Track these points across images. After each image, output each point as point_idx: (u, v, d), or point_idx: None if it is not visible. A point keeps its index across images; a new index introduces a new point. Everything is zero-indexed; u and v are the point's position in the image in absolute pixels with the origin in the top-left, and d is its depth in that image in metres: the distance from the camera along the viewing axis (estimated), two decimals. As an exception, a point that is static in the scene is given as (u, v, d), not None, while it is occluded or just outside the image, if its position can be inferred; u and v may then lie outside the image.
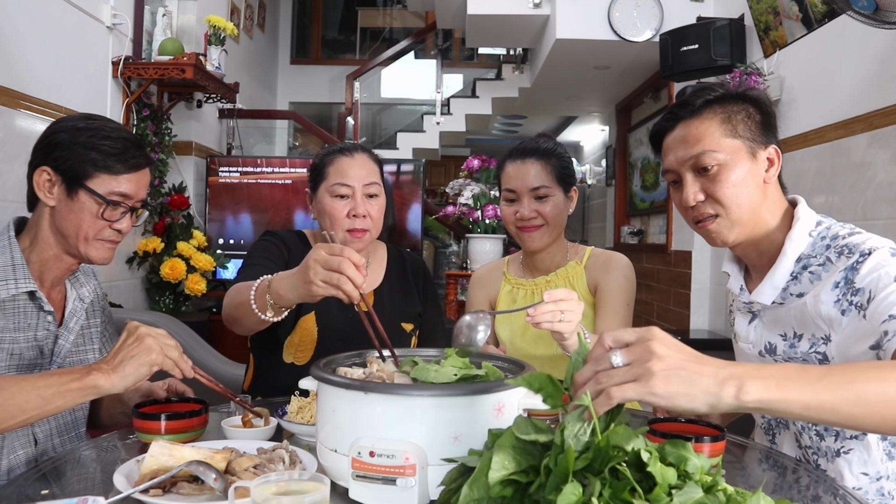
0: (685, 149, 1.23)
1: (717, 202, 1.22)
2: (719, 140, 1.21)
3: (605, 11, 4.67)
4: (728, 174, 1.20)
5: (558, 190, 1.70)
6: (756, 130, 1.23)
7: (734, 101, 1.24)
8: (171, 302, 3.76)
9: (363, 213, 1.62)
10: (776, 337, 1.26)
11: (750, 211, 1.22)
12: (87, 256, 1.33)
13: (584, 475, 0.71)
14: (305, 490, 0.77)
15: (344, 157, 1.66)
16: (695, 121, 1.23)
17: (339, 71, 7.49)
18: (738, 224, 1.22)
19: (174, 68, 3.35)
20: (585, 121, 8.68)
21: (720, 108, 1.23)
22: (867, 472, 1.20)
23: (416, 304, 1.77)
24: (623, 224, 6.95)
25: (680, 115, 1.25)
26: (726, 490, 0.72)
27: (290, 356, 1.65)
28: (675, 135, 1.26)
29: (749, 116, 1.23)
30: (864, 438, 1.19)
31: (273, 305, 1.30)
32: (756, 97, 1.26)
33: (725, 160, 1.20)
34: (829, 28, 3.09)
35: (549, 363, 1.70)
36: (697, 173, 1.23)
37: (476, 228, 3.86)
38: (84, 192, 1.29)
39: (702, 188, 1.22)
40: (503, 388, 0.92)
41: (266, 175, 4.14)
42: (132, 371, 1.13)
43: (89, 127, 1.31)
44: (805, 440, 1.27)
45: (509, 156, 1.75)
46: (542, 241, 1.71)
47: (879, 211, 2.71)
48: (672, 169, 1.27)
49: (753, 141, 1.22)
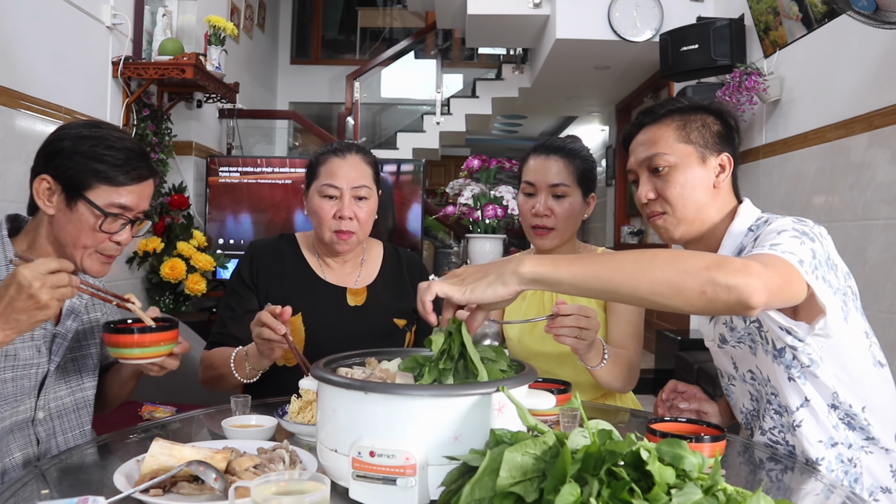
0: (643, 150, 1.34)
1: (666, 201, 1.31)
2: (672, 144, 1.31)
3: (605, 11, 4.68)
4: (676, 175, 1.30)
5: (577, 191, 1.71)
6: (710, 139, 1.32)
7: (695, 112, 1.34)
8: (172, 302, 3.76)
9: (349, 216, 1.64)
10: (721, 326, 1.34)
11: (695, 210, 1.30)
12: (83, 268, 1.31)
13: (582, 476, 0.71)
14: (305, 490, 0.77)
15: (335, 157, 1.67)
16: (654, 126, 1.34)
17: (339, 71, 7.50)
18: (684, 222, 1.31)
19: (174, 68, 3.35)
20: (585, 121, 8.68)
21: (679, 116, 1.33)
22: (821, 439, 1.22)
23: (411, 301, 1.77)
24: (623, 224, 6.95)
25: (644, 122, 1.37)
26: (726, 490, 0.72)
27: (283, 358, 1.66)
28: (637, 139, 1.37)
29: (705, 125, 1.32)
30: (807, 405, 1.22)
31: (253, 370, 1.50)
32: (719, 109, 1.35)
33: (675, 162, 1.30)
34: (829, 28, 3.09)
35: (555, 360, 1.70)
36: (651, 173, 1.33)
37: (476, 228, 3.85)
38: (83, 203, 1.26)
39: (653, 187, 1.33)
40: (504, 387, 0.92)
41: (266, 175, 4.14)
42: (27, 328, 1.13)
43: (93, 136, 1.28)
44: (768, 422, 1.30)
45: (534, 150, 1.76)
46: (551, 244, 1.72)
47: (879, 211, 2.71)
48: (632, 169, 1.38)
49: (705, 147, 1.31)
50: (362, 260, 1.77)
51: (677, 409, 1.45)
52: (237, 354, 1.51)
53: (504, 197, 3.82)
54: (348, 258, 1.75)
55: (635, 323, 1.66)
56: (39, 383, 1.32)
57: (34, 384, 1.31)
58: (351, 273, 1.75)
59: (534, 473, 0.75)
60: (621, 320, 1.66)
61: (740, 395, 1.39)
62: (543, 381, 1.40)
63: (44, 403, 1.33)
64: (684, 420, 1.20)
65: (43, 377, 1.32)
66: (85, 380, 1.43)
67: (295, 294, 1.67)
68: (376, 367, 1.10)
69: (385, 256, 1.81)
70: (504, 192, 3.84)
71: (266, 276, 1.69)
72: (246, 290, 1.70)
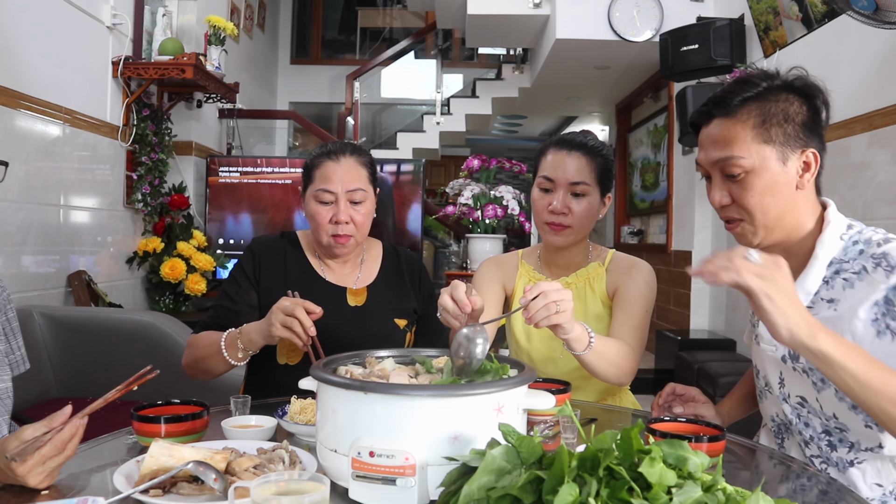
0: (715, 150, 1.20)
1: (743, 208, 1.19)
2: (749, 146, 1.16)
3: (605, 11, 4.68)
4: (754, 181, 1.17)
5: (596, 190, 1.64)
6: (793, 134, 1.17)
7: (776, 98, 1.17)
8: (171, 302, 3.76)
9: (346, 220, 1.63)
10: None
11: (776, 217, 1.19)
12: None
13: (581, 475, 0.71)
14: (305, 490, 0.77)
15: (329, 161, 1.66)
16: (728, 121, 1.18)
17: (339, 71, 7.50)
18: (763, 229, 1.20)
19: (174, 68, 3.35)
20: (585, 121, 8.68)
21: (757, 107, 1.17)
22: (881, 482, 1.18)
23: (411, 301, 1.77)
24: (623, 224, 6.95)
25: (714, 112, 1.21)
26: (726, 489, 0.72)
27: (284, 357, 1.67)
28: (708, 130, 1.22)
29: (787, 118, 1.16)
30: (879, 452, 1.17)
31: (243, 350, 1.49)
32: (805, 88, 1.19)
33: (753, 166, 1.16)
34: (829, 28, 3.09)
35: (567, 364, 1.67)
36: (725, 177, 1.20)
37: (476, 228, 3.86)
38: None
39: (728, 192, 1.20)
40: (503, 387, 0.92)
41: (266, 175, 4.15)
42: None
43: None
44: (812, 450, 1.24)
45: (554, 144, 1.67)
46: (565, 242, 1.66)
47: (879, 211, 2.71)
48: (702, 165, 1.25)
49: (786, 145, 1.17)
50: (362, 260, 1.78)
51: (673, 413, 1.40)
52: (229, 335, 1.50)
53: (504, 197, 3.82)
54: (348, 258, 1.75)
55: (638, 316, 1.60)
56: None
57: None
58: (351, 273, 1.75)
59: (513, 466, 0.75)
60: (625, 312, 1.61)
61: (773, 406, 1.33)
62: (543, 381, 1.40)
63: None
64: (684, 420, 1.19)
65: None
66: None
67: None
68: (376, 366, 1.10)
69: (385, 256, 1.81)
70: (504, 192, 3.84)
71: (268, 273, 1.69)
72: (247, 283, 1.69)
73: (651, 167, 6.24)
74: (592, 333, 1.38)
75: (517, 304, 1.75)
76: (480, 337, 1.05)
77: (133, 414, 1.18)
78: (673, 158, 5.28)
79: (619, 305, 1.63)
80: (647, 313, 1.63)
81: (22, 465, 0.95)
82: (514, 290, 1.77)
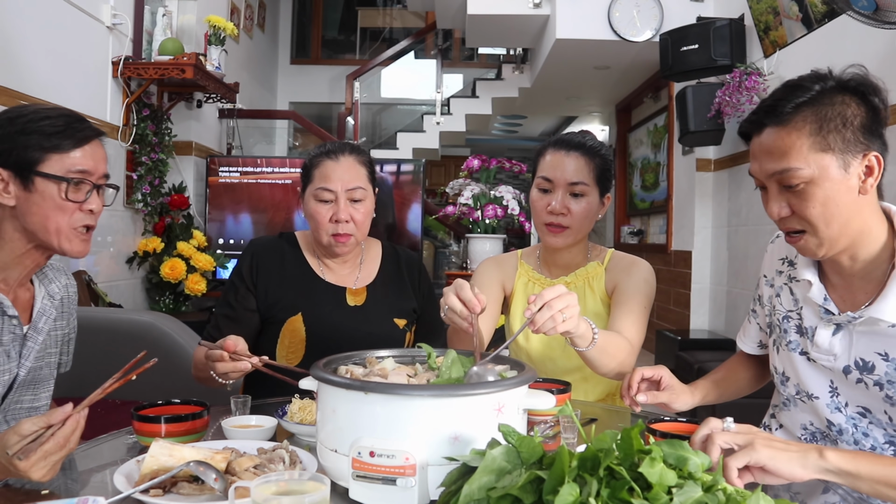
0: (770, 161, 1.13)
1: (805, 220, 1.13)
2: (807, 155, 1.09)
3: (605, 11, 4.68)
4: (815, 191, 1.10)
5: (595, 190, 1.64)
6: (852, 138, 1.10)
7: (831, 102, 1.11)
8: (171, 302, 3.76)
9: (346, 219, 1.63)
10: (873, 355, 1.16)
11: (841, 227, 1.12)
12: (63, 250, 1.24)
13: (581, 475, 0.71)
14: (305, 490, 0.77)
15: (329, 160, 1.66)
16: (783, 130, 1.11)
17: (339, 71, 7.50)
18: (828, 241, 1.13)
19: (174, 68, 3.35)
20: (585, 121, 8.68)
21: (812, 113, 1.10)
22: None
23: (411, 300, 1.78)
24: (623, 224, 6.95)
25: (766, 122, 1.14)
26: (726, 489, 0.72)
27: (283, 357, 1.67)
28: (761, 140, 1.15)
29: (845, 123, 1.10)
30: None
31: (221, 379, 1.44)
32: (861, 87, 1.13)
33: (813, 176, 1.09)
34: (829, 28, 3.09)
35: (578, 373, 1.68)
36: (783, 188, 1.13)
37: (476, 228, 3.86)
38: (39, 178, 1.19)
39: (787, 203, 1.14)
40: (503, 387, 0.92)
41: (266, 175, 4.15)
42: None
43: (22, 113, 1.22)
44: None
45: (552, 144, 1.67)
46: (564, 243, 1.66)
47: (879, 211, 2.71)
48: (756, 177, 1.18)
49: (847, 152, 1.10)
50: (361, 260, 1.78)
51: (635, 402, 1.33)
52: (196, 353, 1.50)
53: (504, 197, 3.83)
54: (347, 258, 1.75)
55: (636, 311, 1.60)
56: (6, 390, 1.26)
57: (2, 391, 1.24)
58: (350, 273, 1.75)
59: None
60: (624, 308, 1.61)
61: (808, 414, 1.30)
62: (543, 381, 1.40)
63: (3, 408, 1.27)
64: (684, 420, 1.19)
65: (10, 383, 1.26)
66: (42, 388, 1.35)
67: (295, 294, 1.67)
68: (376, 366, 1.10)
69: (384, 256, 1.81)
70: (504, 192, 3.85)
71: (266, 275, 1.69)
72: (244, 288, 1.69)
73: (651, 167, 6.25)
74: (596, 329, 1.37)
75: (517, 305, 1.76)
76: (490, 376, 1.03)
77: (133, 414, 1.18)
78: (673, 158, 5.28)
79: (618, 302, 1.63)
80: (645, 309, 1.63)
81: (25, 461, 0.95)
82: (513, 289, 1.77)
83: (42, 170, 1.20)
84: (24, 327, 1.27)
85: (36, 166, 1.20)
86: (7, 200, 1.21)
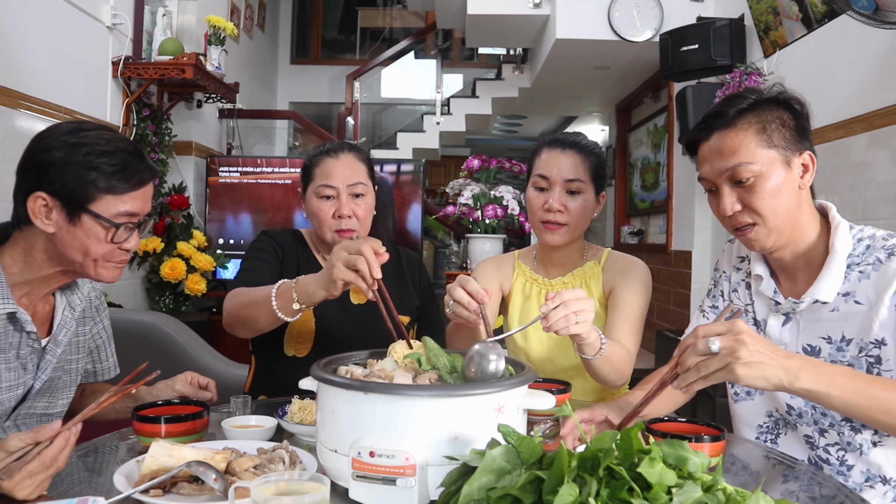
0: (721, 160, 1.24)
1: (754, 212, 1.24)
2: (755, 151, 1.22)
3: (605, 11, 4.67)
4: (764, 184, 1.22)
5: (590, 188, 1.66)
6: (791, 138, 1.23)
7: (768, 108, 1.24)
8: (171, 302, 3.76)
9: (348, 214, 1.65)
10: (818, 339, 1.27)
11: (786, 218, 1.24)
12: (98, 278, 1.24)
13: (581, 475, 0.71)
14: (305, 490, 0.77)
15: (329, 158, 1.68)
16: (730, 132, 1.24)
17: (339, 71, 7.50)
18: (776, 231, 1.25)
19: (174, 68, 3.35)
20: (585, 121, 8.67)
21: (754, 117, 1.23)
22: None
23: (413, 298, 1.79)
24: (623, 224, 6.95)
25: (714, 126, 1.26)
26: (726, 489, 0.72)
27: (291, 349, 1.68)
28: (710, 144, 1.27)
29: (783, 124, 1.23)
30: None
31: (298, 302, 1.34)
32: (786, 99, 1.26)
33: (761, 171, 1.22)
34: (829, 28, 3.09)
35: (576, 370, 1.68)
36: (734, 184, 1.24)
37: (476, 228, 3.86)
38: (88, 216, 1.18)
39: (738, 198, 1.25)
40: (503, 387, 0.93)
41: (266, 175, 4.15)
42: None
43: (82, 142, 1.18)
44: (830, 438, 1.27)
45: (548, 143, 1.69)
46: (562, 241, 1.66)
47: (879, 211, 2.71)
48: (708, 178, 1.29)
49: (788, 149, 1.23)
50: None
51: None
52: (282, 285, 1.37)
53: (504, 197, 3.83)
54: (349, 256, 1.75)
55: (634, 318, 1.62)
56: (19, 401, 1.26)
57: (12, 404, 1.24)
58: (352, 272, 1.75)
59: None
60: (621, 314, 1.62)
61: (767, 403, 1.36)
62: (543, 381, 1.40)
63: (15, 415, 1.27)
64: (684, 420, 1.20)
65: (24, 394, 1.26)
66: (60, 396, 1.35)
67: None
68: (376, 366, 1.10)
69: None
70: (504, 192, 3.85)
71: (286, 258, 1.70)
72: (274, 253, 1.69)
73: (651, 167, 6.24)
74: (604, 339, 1.39)
75: (514, 305, 1.77)
76: (493, 353, 1.03)
77: (133, 414, 1.18)
78: (673, 158, 5.28)
79: (616, 306, 1.64)
80: (642, 314, 1.65)
81: (9, 480, 0.92)
82: (510, 290, 1.77)
83: (93, 209, 1.18)
84: (42, 341, 1.27)
85: (87, 204, 1.18)
86: (47, 227, 1.18)
